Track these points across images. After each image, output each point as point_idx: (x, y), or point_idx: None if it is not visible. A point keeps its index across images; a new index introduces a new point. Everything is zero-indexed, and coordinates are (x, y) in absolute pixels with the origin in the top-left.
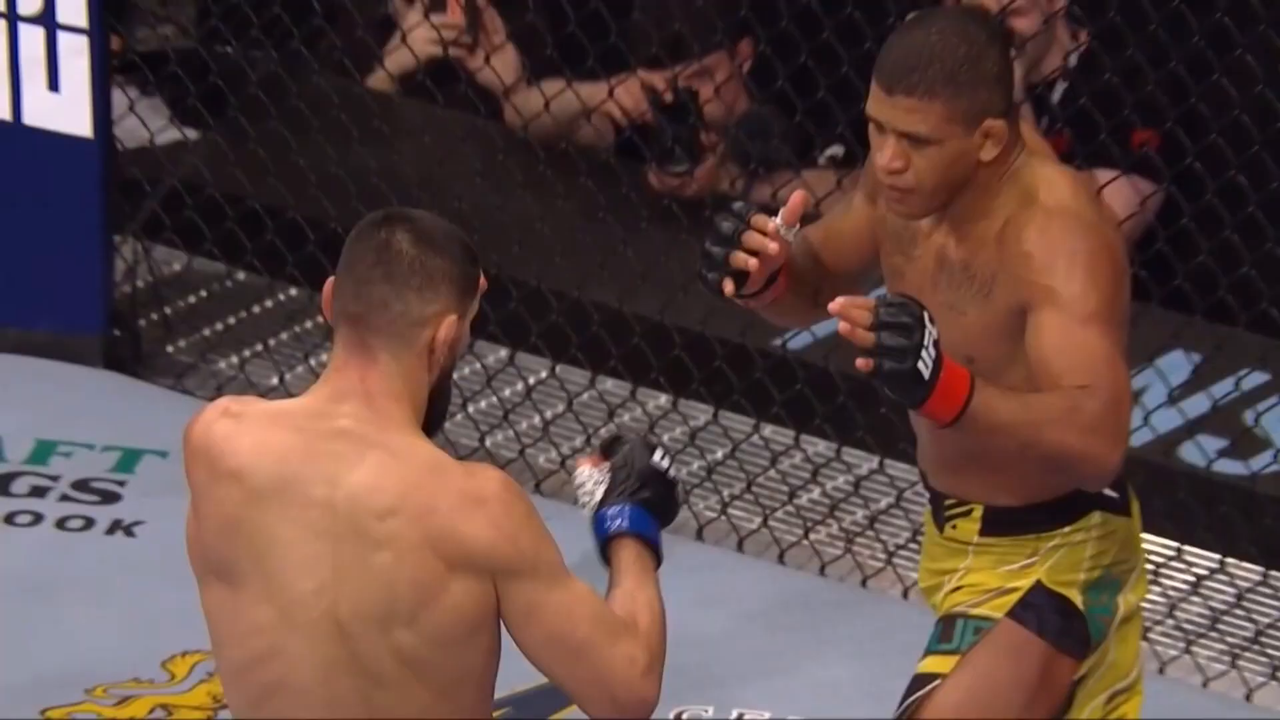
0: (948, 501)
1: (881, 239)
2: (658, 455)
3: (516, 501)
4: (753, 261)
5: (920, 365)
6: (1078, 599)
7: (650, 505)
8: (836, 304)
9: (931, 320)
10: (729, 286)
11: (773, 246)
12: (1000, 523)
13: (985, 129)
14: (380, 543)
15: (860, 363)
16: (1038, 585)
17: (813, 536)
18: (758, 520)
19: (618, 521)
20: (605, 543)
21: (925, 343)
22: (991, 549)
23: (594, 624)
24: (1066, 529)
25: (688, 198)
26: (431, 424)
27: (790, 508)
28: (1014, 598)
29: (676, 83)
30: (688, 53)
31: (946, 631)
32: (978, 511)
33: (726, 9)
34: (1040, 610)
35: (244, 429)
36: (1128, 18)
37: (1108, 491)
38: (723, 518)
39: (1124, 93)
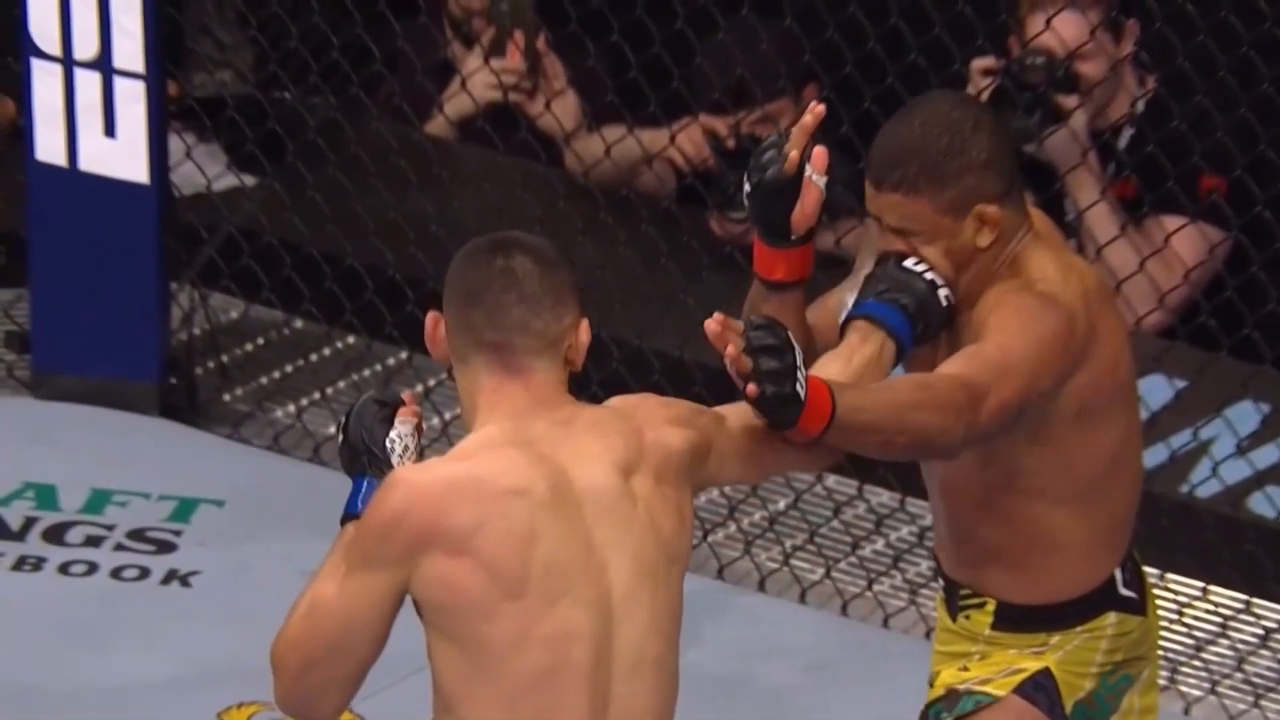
0: (962, 591)
1: None
2: (910, 261)
3: (659, 397)
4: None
5: (798, 387)
6: (1086, 686)
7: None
8: (714, 323)
9: (795, 340)
10: (794, 155)
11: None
12: (1013, 619)
13: (977, 214)
14: (635, 497)
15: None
16: (1047, 671)
17: (876, 588)
18: (820, 571)
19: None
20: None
21: (797, 363)
22: (1002, 641)
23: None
24: (1080, 628)
25: (749, 245)
26: None
27: (853, 559)
28: (1021, 677)
29: (739, 128)
30: (751, 99)
31: (949, 703)
32: (991, 605)
33: (790, 55)
34: (1051, 695)
35: (479, 462)
36: (1196, 63)
37: (1125, 592)
38: (785, 569)
39: (1192, 139)
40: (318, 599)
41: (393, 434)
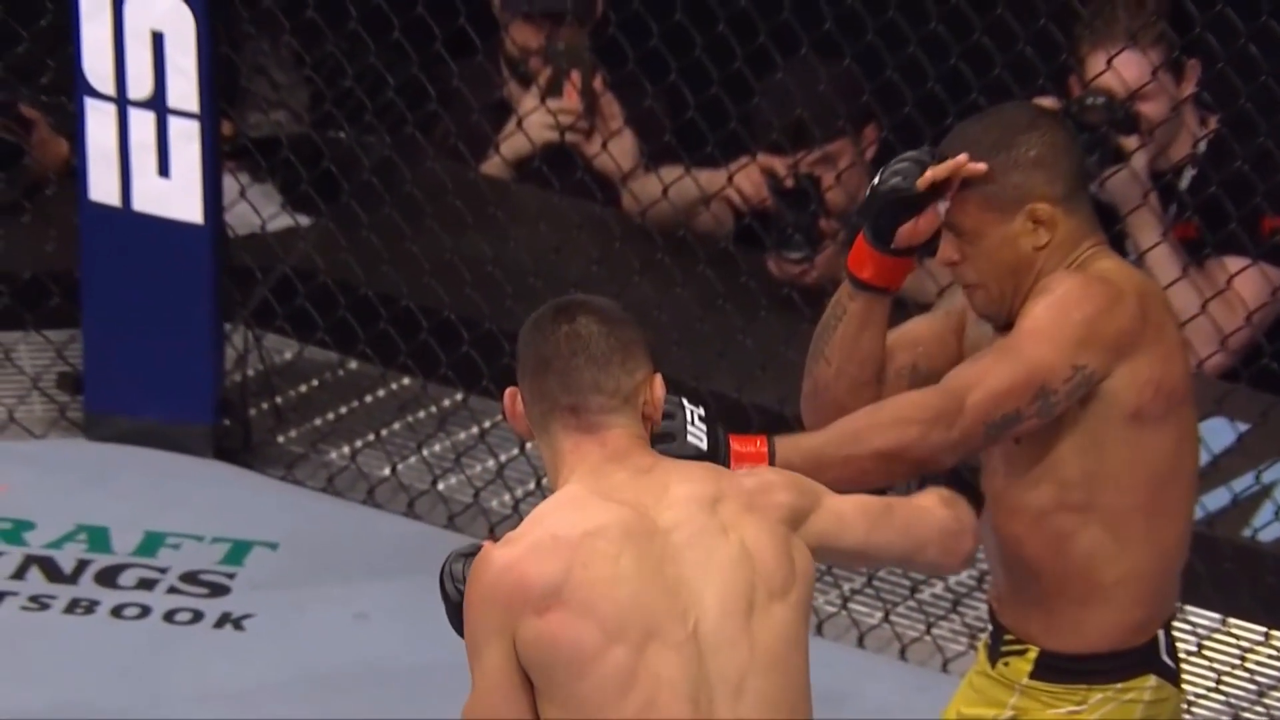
0: (1007, 637)
1: (966, 352)
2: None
3: (778, 469)
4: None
5: (691, 438)
6: None
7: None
8: None
9: (694, 402)
10: (928, 175)
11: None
12: (1053, 669)
13: (1030, 213)
14: (724, 526)
15: None
16: None
17: (935, 632)
18: (879, 615)
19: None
20: None
21: (689, 421)
22: (1038, 693)
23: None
24: (1119, 685)
25: (808, 285)
26: None
27: (912, 602)
28: None
29: (798, 168)
30: (810, 139)
31: None
32: (1033, 653)
33: (849, 95)
34: None
35: (555, 517)
36: (1258, 103)
37: (1166, 659)
38: (843, 612)
39: (1254, 179)
40: (465, 713)
41: None
